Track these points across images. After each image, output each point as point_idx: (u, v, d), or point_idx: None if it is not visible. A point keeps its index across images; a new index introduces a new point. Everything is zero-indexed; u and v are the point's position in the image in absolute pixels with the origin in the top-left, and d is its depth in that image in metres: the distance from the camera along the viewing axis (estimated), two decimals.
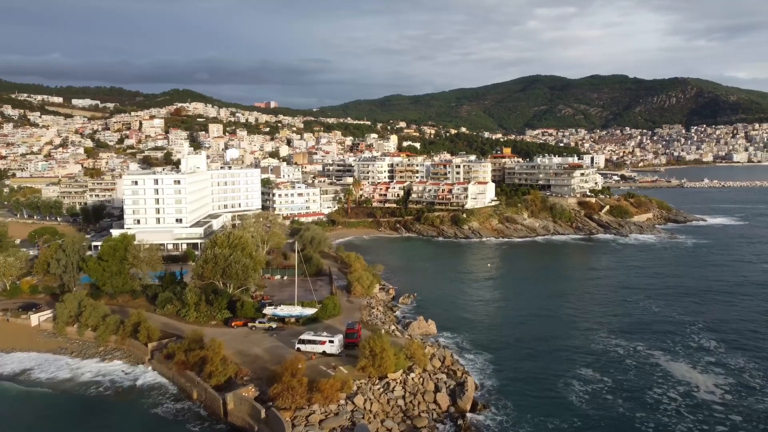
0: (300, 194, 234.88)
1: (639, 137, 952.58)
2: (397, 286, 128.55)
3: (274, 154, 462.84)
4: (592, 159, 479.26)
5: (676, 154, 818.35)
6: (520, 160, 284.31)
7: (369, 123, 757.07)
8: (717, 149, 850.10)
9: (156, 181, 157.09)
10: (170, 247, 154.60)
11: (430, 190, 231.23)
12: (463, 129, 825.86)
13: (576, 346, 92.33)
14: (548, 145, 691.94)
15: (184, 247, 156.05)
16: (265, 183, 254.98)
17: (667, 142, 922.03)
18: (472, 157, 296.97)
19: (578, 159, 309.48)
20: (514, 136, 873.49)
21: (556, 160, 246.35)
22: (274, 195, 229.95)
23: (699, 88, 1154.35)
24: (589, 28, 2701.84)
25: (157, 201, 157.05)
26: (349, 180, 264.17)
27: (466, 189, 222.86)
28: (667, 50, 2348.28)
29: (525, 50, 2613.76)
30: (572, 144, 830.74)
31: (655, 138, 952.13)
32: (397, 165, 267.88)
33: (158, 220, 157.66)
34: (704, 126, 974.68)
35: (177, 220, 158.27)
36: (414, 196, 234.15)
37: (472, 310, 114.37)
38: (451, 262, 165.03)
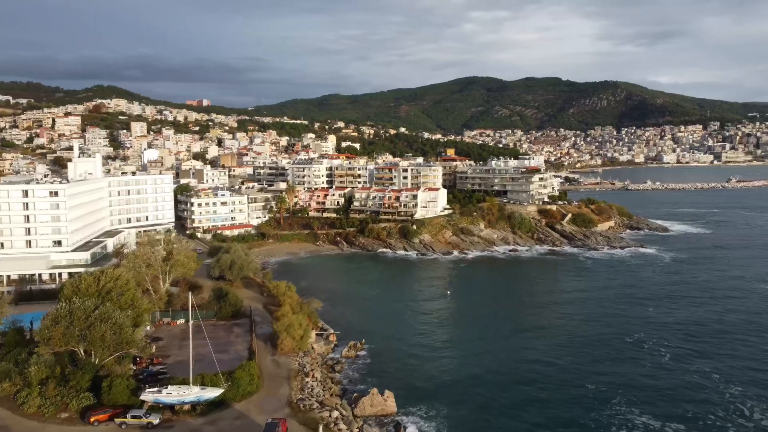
0: (224, 203, 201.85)
1: (573, 138, 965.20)
2: (339, 329, 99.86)
3: (199, 156, 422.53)
4: (531, 160, 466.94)
5: (609, 155, 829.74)
6: (472, 163, 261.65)
7: (306, 122, 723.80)
8: (647, 150, 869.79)
9: (25, 193, 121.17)
10: (45, 277, 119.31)
11: (374, 198, 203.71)
12: (403, 129, 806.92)
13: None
14: (488, 146, 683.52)
15: (66, 276, 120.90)
16: (184, 190, 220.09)
17: (599, 143, 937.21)
18: (420, 160, 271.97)
19: (503, 159, 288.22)
20: (453, 136, 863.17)
21: (513, 163, 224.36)
22: (192, 205, 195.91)
23: (628, 92, 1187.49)
24: (522, 32, 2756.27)
25: (27, 218, 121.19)
26: (283, 185, 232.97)
27: (415, 196, 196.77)
28: (598, 54, 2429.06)
29: (461, 52, 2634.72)
30: (510, 145, 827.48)
31: (588, 139, 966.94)
32: (337, 169, 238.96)
33: (29, 243, 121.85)
34: (634, 128, 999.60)
35: (55, 243, 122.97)
36: (356, 204, 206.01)
37: (438, 363, 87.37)
38: (403, 287, 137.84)
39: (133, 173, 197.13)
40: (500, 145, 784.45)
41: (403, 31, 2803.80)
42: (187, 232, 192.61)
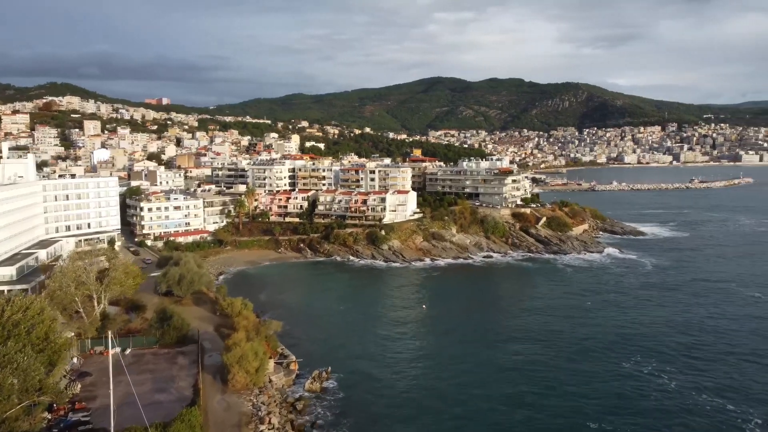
0: (177, 207, 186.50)
1: (536, 139, 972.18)
2: (302, 355, 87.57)
3: (155, 156, 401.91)
4: (502, 161, 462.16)
5: (572, 155, 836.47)
6: (442, 164, 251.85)
7: (269, 122, 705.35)
8: (608, 151, 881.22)
9: None
10: None
11: (340, 201, 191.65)
12: (368, 129, 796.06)
13: None
14: (454, 147, 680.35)
15: None
16: (134, 193, 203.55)
17: (562, 143, 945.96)
18: (387, 160, 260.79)
19: (474, 160, 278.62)
20: (418, 136, 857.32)
21: (484, 164, 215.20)
22: (141, 209, 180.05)
23: (589, 93, 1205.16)
24: (486, 34, 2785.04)
25: None
26: (242, 188, 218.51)
27: (383, 199, 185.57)
28: (559, 56, 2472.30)
29: (426, 53, 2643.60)
30: (475, 145, 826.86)
31: (551, 140, 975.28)
32: (300, 170, 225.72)
33: None
34: (595, 129, 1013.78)
35: None
36: (321, 208, 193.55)
37: (421, 395, 76.26)
38: (374, 300, 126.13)
39: (73, 176, 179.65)
40: (465, 146, 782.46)
41: (368, 32, 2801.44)
42: (136, 239, 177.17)
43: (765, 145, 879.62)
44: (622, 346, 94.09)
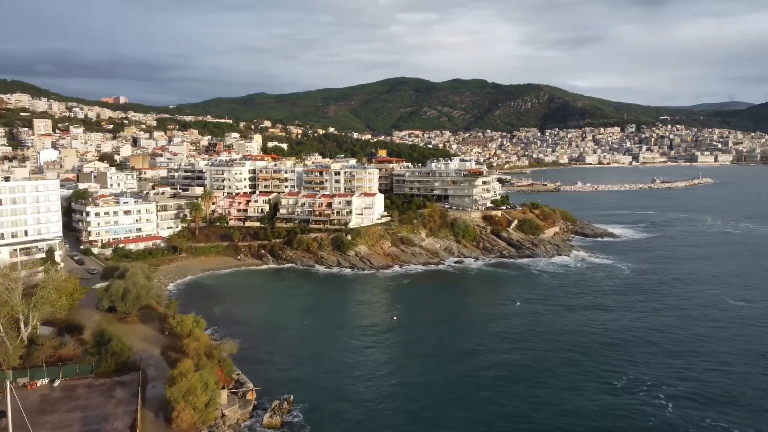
0: (127, 212, 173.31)
1: (500, 140, 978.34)
2: (260, 381, 77.80)
3: (106, 157, 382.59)
4: (471, 162, 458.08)
5: (534, 155, 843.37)
6: (410, 165, 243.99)
7: (231, 122, 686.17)
8: (570, 151, 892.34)
9: None
10: None
11: (303, 204, 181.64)
12: (332, 129, 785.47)
13: None
14: (419, 147, 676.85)
15: None
16: (80, 196, 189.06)
17: (525, 144, 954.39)
18: (352, 161, 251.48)
19: (443, 161, 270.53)
20: (382, 137, 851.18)
21: (453, 165, 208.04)
22: (87, 214, 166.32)
23: (551, 94, 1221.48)
24: (450, 35, 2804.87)
25: None
26: (199, 190, 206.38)
27: (349, 202, 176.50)
28: (521, 58, 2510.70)
29: (390, 53, 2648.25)
30: (440, 146, 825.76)
31: (514, 140, 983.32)
32: (261, 171, 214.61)
33: None
34: (557, 129, 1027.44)
35: None
36: (283, 211, 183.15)
37: (395, 425, 67.72)
38: (340, 313, 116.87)
39: (7, 179, 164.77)
40: (430, 146, 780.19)
41: (332, 31, 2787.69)
42: (82, 247, 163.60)
43: (719, 146, 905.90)
44: (606, 359, 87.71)
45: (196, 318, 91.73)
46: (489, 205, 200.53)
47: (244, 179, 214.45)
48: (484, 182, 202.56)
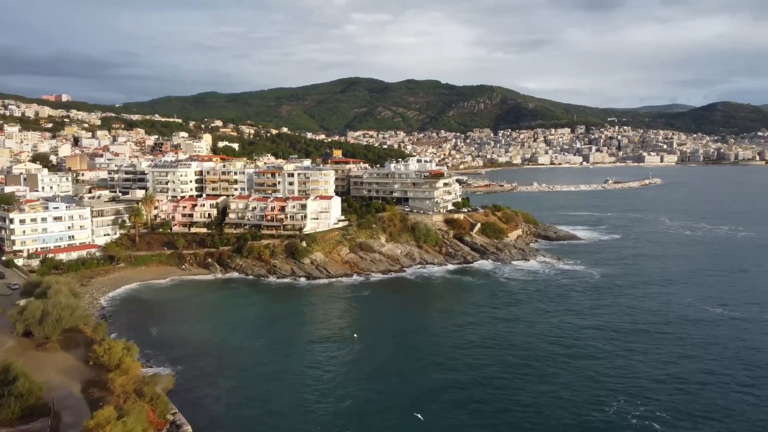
0: (58, 218, 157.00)
1: (454, 140, 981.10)
2: (203, 421, 66.45)
3: (40, 157, 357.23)
4: (432, 163, 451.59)
5: (488, 156, 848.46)
6: (368, 166, 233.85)
7: (180, 121, 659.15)
8: (523, 152, 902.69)
9: None
10: None
11: (254, 209, 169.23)
12: (285, 129, 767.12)
13: None
14: (374, 147, 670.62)
15: None
16: (5, 201, 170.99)
17: (479, 144, 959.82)
18: (306, 162, 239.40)
19: (402, 161, 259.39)
20: (336, 137, 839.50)
21: (413, 166, 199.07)
22: (11, 221, 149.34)
23: (503, 96, 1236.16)
24: (404, 36, 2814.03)
25: None
26: (141, 194, 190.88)
27: (304, 206, 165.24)
28: (473, 60, 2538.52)
29: (344, 53, 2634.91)
30: (395, 146, 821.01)
31: (468, 141, 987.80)
32: (209, 172, 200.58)
33: None
34: (510, 130, 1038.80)
35: None
36: (232, 216, 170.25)
37: None
38: (294, 330, 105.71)
39: None
40: (385, 146, 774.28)
41: (286, 30, 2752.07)
42: (4, 257, 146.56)
43: (664, 146, 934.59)
44: (587, 372, 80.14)
45: (128, 344, 79.11)
46: (450, 207, 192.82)
47: (190, 181, 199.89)
48: (446, 184, 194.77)
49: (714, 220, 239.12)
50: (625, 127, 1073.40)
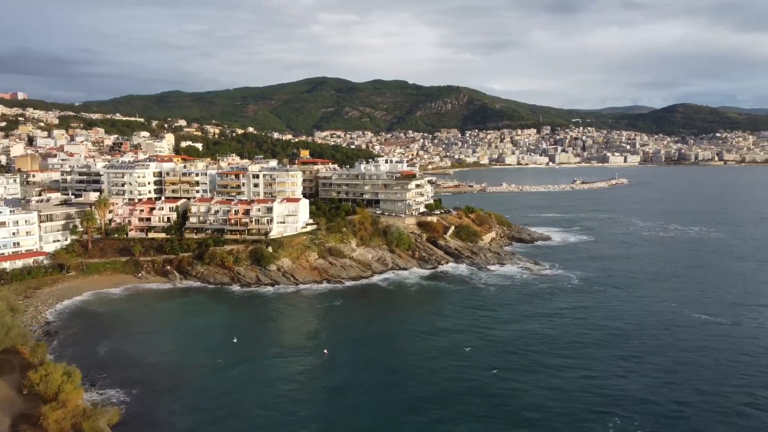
0: (1, 223, 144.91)
1: (421, 140, 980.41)
2: None
3: None
4: (387, 162, 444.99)
5: (456, 156, 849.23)
6: (336, 167, 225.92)
7: (142, 120, 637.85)
8: (490, 152, 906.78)
9: None
10: None
11: (217, 212, 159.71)
12: (251, 129, 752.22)
13: None
14: (341, 148, 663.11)
15: None
16: None
17: (446, 145, 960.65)
18: (273, 163, 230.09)
19: (373, 162, 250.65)
20: (303, 137, 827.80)
21: (385, 167, 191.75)
22: None
23: (470, 96, 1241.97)
24: (371, 36, 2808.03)
25: None
26: (95, 196, 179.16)
27: (270, 209, 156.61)
28: (441, 61, 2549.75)
29: (311, 53, 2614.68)
30: (362, 146, 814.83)
31: (435, 141, 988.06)
32: (169, 173, 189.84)
33: None
34: (477, 131, 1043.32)
35: None
36: (193, 220, 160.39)
37: None
38: (260, 347, 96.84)
39: None
40: (353, 146, 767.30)
41: (252, 30, 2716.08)
42: None
43: (627, 147, 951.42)
44: (576, 400, 74.59)
45: (69, 368, 70.19)
46: (423, 210, 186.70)
47: (149, 183, 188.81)
48: (418, 185, 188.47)
49: (684, 221, 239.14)
50: (589, 128, 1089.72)
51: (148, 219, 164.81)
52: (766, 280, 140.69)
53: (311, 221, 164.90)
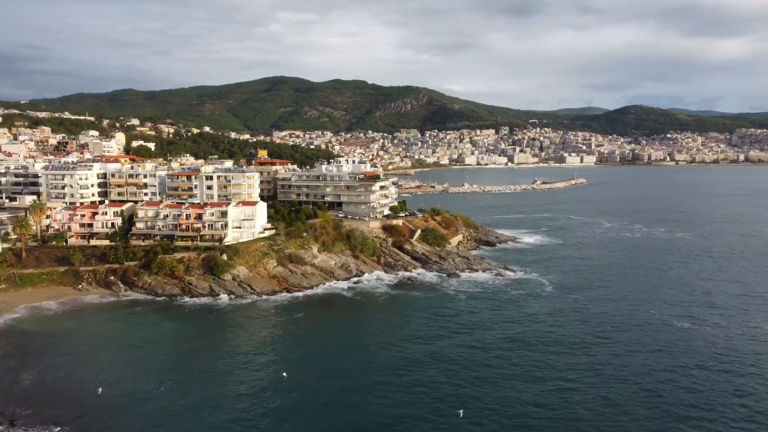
0: None
1: (381, 140, 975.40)
2: None
3: None
4: (349, 162, 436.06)
5: (416, 157, 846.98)
6: (296, 167, 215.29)
7: (92, 119, 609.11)
8: (450, 153, 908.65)
9: None
10: None
11: (166, 216, 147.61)
12: (207, 129, 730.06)
13: None
14: (301, 147, 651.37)
15: None
16: None
17: (406, 145, 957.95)
18: (228, 163, 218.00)
19: (335, 162, 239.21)
20: (262, 137, 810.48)
21: (347, 168, 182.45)
22: None
23: (429, 97, 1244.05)
24: (330, 36, 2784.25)
25: None
26: (31, 200, 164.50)
27: (224, 213, 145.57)
28: (400, 61, 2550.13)
29: (269, 52, 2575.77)
30: (322, 146, 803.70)
31: (395, 141, 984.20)
32: (114, 175, 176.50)
33: None
34: (436, 131, 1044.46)
35: None
36: (140, 225, 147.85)
37: None
38: (212, 369, 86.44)
39: None
40: (312, 146, 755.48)
41: (208, 28, 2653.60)
42: None
43: (584, 147, 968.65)
44: (557, 408, 67.91)
45: None
46: (387, 212, 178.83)
47: (92, 185, 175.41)
48: (382, 187, 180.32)
49: (648, 222, 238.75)
50: (546, 129, 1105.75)
51: (90, 225, 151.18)
52: (739, 280, 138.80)
53: (269, 226, 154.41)
